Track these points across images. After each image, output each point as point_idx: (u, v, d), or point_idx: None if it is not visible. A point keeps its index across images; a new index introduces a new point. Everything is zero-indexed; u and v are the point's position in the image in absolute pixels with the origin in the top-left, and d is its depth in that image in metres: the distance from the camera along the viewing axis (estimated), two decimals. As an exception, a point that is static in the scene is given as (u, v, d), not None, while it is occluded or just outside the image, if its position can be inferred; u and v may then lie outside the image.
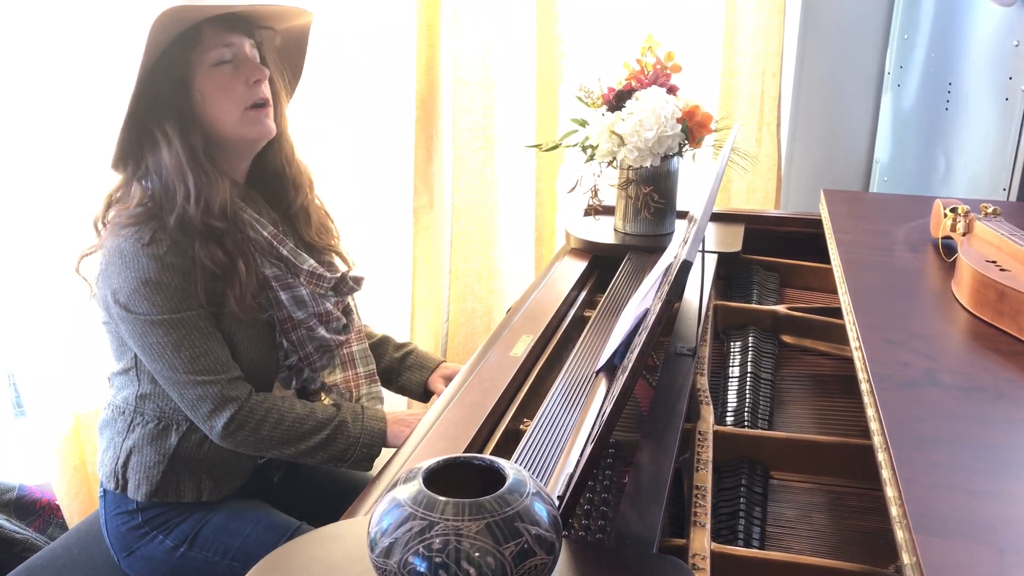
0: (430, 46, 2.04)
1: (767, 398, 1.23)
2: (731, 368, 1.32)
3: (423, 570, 0.60)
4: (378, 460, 1.25)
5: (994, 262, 1.07)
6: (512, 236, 2.29)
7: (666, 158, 1.66)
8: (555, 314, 1.45)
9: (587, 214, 1.84)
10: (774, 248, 1.79)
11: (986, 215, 1.24)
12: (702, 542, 0.87)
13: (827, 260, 1.38)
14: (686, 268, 0.79)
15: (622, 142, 1.60)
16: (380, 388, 1.41)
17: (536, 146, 1.98)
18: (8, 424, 1.92)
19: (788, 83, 2.25)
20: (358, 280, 1.35)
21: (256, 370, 1.24)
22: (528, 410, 1.20)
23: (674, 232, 1.74)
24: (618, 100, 1.66)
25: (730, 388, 1.26)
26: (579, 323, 1.50)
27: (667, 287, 0.86)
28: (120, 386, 1.27)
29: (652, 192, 1.68)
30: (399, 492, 0.65)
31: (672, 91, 1.68)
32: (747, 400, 1.21)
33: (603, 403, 0.99)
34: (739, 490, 1.01)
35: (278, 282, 1.23)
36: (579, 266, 1.68)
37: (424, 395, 1.48)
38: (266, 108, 1.21)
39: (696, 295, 1.32)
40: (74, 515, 1.78)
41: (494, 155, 2.19)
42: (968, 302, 1.06)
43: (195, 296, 1.16)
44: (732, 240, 1.75)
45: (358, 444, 1.24)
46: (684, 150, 1.68)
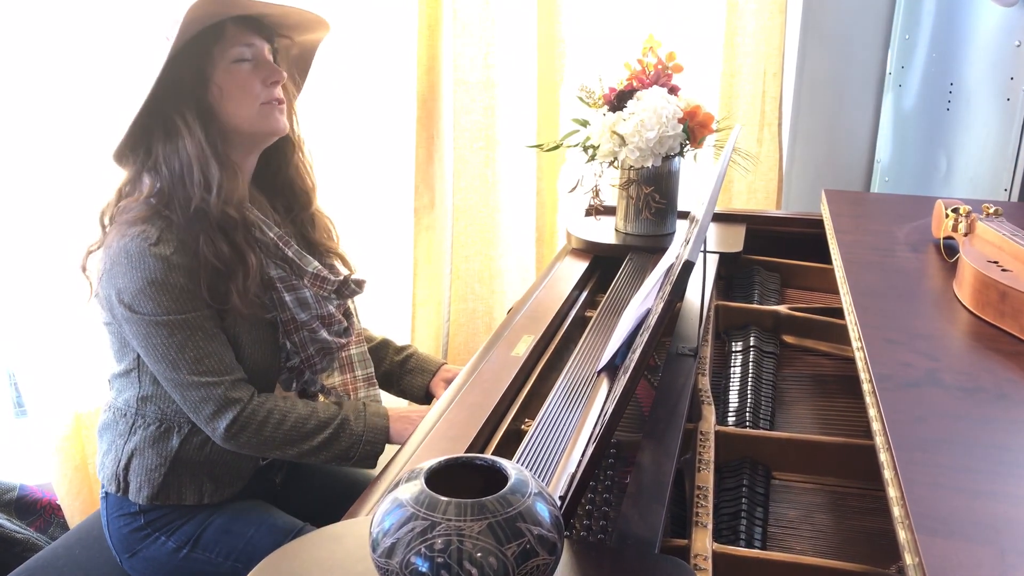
0: (431, 46, 2.04)
1: (768, 398, 1.23)
2: (733, 368, 1.32)
3: (425, 570, 0.60)
4: (381, 458, 1.25)
5: (996, 262, 1.07)
6: (513, 236, 2.29)
7: (667, 158, 1.66)
8: (556, 314, 1.45)
9: (588, 214, 1.84)
10: (775, 248, 1.79)
11: (987, 215, 1.24)
12: (704, 542, 0.87)
13: (828, 260, 1.38)
14: (688, 268, 0.79)
15: (623, 142, 1.60)
16: (378, 391, 1.41)
17: (537, 146, 1.98)
18: (9, 424, 1.92)
19: (789, 83, 2.24)
20: (360, 283, 1.35)
21: (259, 371, 1.24)
22: (529, 410, 1.20)
23: (675, 232, 1.74)
24: (619, 100, 1.66)
25: (732, 388, 1.26)
26: (580, 323, 1.50)
27: (669, 287, 0.86)
28: (121, 388, 1.27)
29: (653, 192, 1.68)
30: (401, 492, 0.65)
31: (673, 91, 1.68)
32: (749, 400, 1.21)
33: (605, 403, 0.99)
34: (741, 490, 1.01)
35: (283, 283, 1.23)
36: (580, 266, 1.68)
37: (426, 398, 1.48)
38: (281, 105, 1.23)
39: (697, 295, 1.32)
40: (75, 515, 1.78)
41: (495, 155, 2.20)
42: (970, 302, 1.06)
43: (200, 296, 1.16)
44: (733, 240, 1.75)
45: (361, 441, 1.24)
46: (685, 150, 1.68)
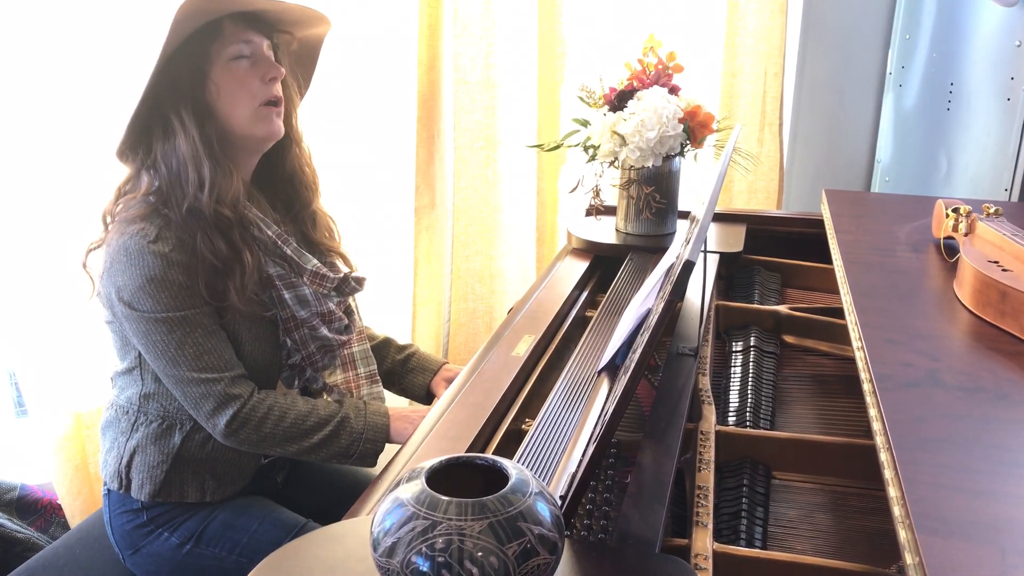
0: (432, 46, 2.04)
1: (769, 398, 1.23)
2: (733, 368, 1.32)
3: (426, 570, 0.61)
4: (381, 458, 1.25)
5: (996, 262, 1.07)
6: (514, 236, 2.29)
7: (668, 158, 1.66)
8: (557, 314, 1.45)
9: (589, 214, 1.84)
10: (776, 248, 1.79)
11: (988, 215, 1.24)
12: (704, 542, 0.87)
13: (829, 260, 1.38)
14: (689, 268, 0.79)
15: (624, 142, 1.60)
16: (381, 388, 1.41)
17: (538, 146, 1.98)
18: (10, 423, 1.92)
19: (790, 83, 2.24)
20: (360, 280, 1.35)
21: (260, 368, 1.24)
22: (530, 410, 1.20)
23: (676, 232, 1.74)
24: (620, 100, 1.66)
25: (732, 388, 1.26)
26: (581, 323, 1.50)
27: (669, 287, 0.86)
28: (123, 386, 1.27)
29: (654, 192, 1.68)
30: (402, 492, 0.65)
31: (674, 91, 1.68)
32: (749, 400, 1.21)
33: (605, 403, 0.99)
34: (741, 490, 1.01)
35: (282, 281, 1.23)
36: (581, 266, 1.68)
37: (427, 398, 1.48)
38: (278, 107, 1.22)
39: (698, 295, 1.32)
40: (76, 514, 1.78)
41: (496, 155, 2.20)
42: (970, 302, 1.06)
43: (199, 293, 1.16)
44: (734, 240, 1.75)
45: (361, 440, 1.24)
46: (686, 150, 1.68)
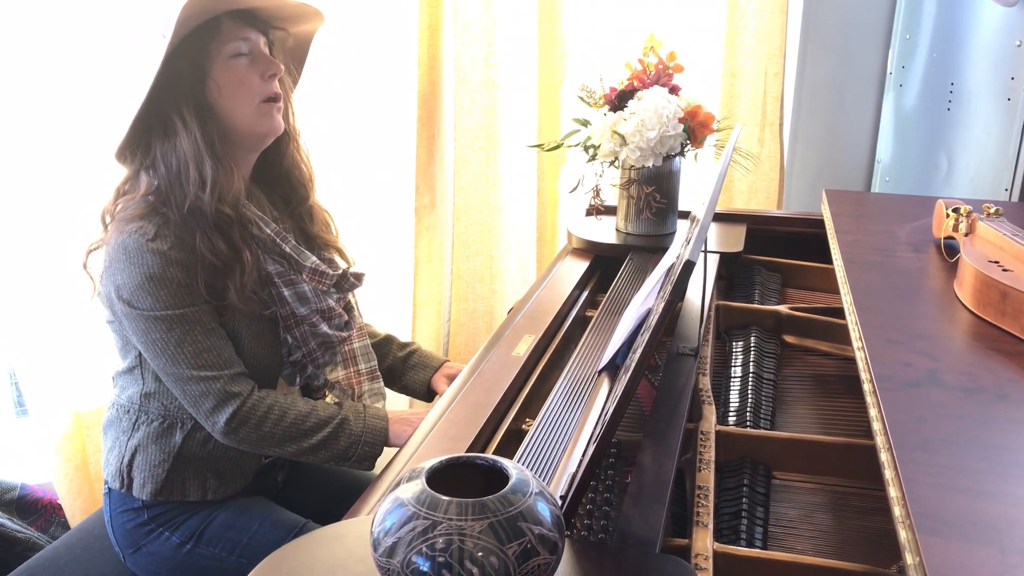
0: (432, 46, 2.04)
1: (769, 398, 1.23)
2: (733, 368, 1.32)
3: (426, 570, 0.61)
4: (380, 459, 1.25)
5: (996, 262, 1.07)
6: (514, 236, 2.29)
7: (668, 158, 1.66)
8: (557, 314, 1.45)
9: (589, 214, 1.84)
10: (776, 248, 1.79)
11: (988, 215, 1.24)
12: (705, 542, 0.87)
13: (829, 260, 1.38)
14: (689, 268, 0.79)
15: (624, 142, 1.60)
16: (382, 384, 1.41)
17: (538, 146, 1.98)
18: (10, 423, 1.92)
19: (790, 83, 2.24)
20: (359, 276, 1.35)
21: (261, 366, 1.25)
22: (530, 410, 1.20)
23: (676, 232, 1.74)
24: (620, 100, 1.66)
25: (732, 388, 1.26)
26: (581, 323, 1.50)
27: (669, 287, 0.86)
28: (124, 385, 1.28)
29: (654, 192, 1.68)
30: (402, 492, 0.65)
31: (674, 91, 1.68)
32: (749, 400, 1.21)
33: (605, 403, 0.99)
34: (742, 490, 1.01)
35: (281, 278, 1.23)
36: (581, 266, 1.68)
37: (427, 395, 1.48)
38: (278, 103, 1.23)
39: (698, 295, 1.32)
40: (76, 514, 1.78)
41: (496, 155, 2.20)
42: (970, 302, 1.06)
43: (198, 291, 1.16)
44: (734, 240, 1.75)
45: (360, 442, 1.24)
46: (686, 150, 1.68)
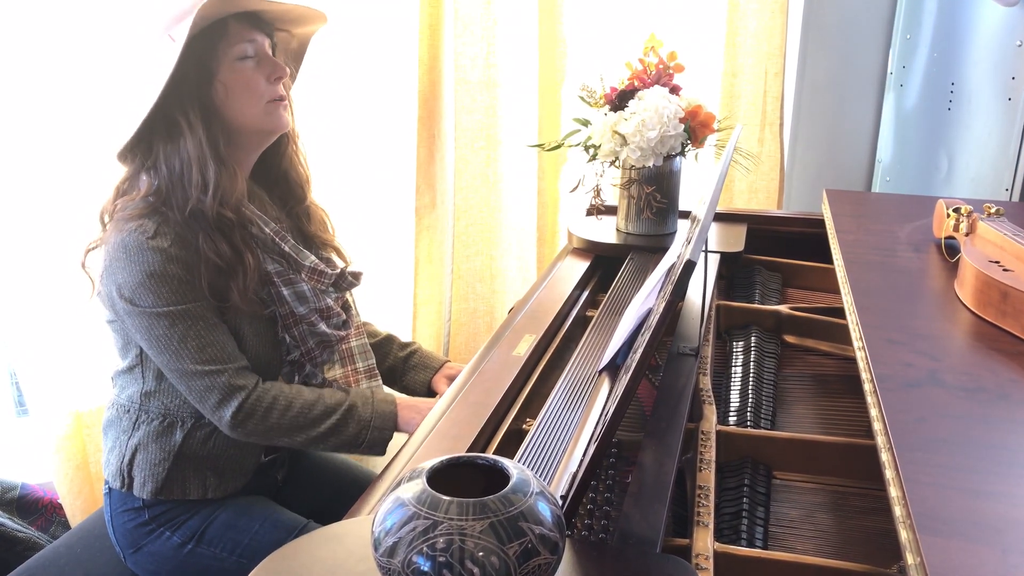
0: (432, 45, 2.04)
1: (770, 398, 1.23)
2: (734, 368, 1.32)
3: (427, 569, 0.61)
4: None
5: (997, 262, 1.07)
6: (514, 236, 2.29)
7: (668, 158, 1.66)
8: (557, 314, 1.45)
9: (589, 214, 1.84)
10: (777, 248, 1.79)
11: (989, 215, 1.24)
12: (705, 542, 0.87)
13: (829, 260, 1.38)
14: (690, 268, 0.79)
15: (624, 142, 1.60)
16: (380, 383, 1.42)
17: (539, 146, 1.98)
18: (10, 423, 1.92)
19: (790, 83, 2.24)
20: (357, 275, 1.35)
21: (261, 364, 1.25)
22: (531, 410, 1.20)
23: (676, 232, 1.74)
24: (621, 100, 1.66)
25: (733, 388, 1.26)
26: (582, 323, 1.50)
27: (670, 287, 0.86)
28: (124, 384, 1.28)
29: (654, 192, 1.68)
30: (403, 491, 0.65)
31: (675, 91, 1.68)
32: (750, 400, 1.21)
33: (606, 403, 0.99)
34: (742, 490, 1.01)
35: (280, 278, 1.24)
36: (581, 266, 1.68)
37: (428, 395, 1.48)
38: (284, 102, 1.24)
39: (699, 295, 1.32)
40: (76, 513, 1.78)
41: (496, 155, 2.19)
42: (971, 302, 1.06)
43: (199, 288, 1.17)
44: (735, 240, 1.75)
45: (370, 427, 1.24)
46: (687, 150, 1.68)
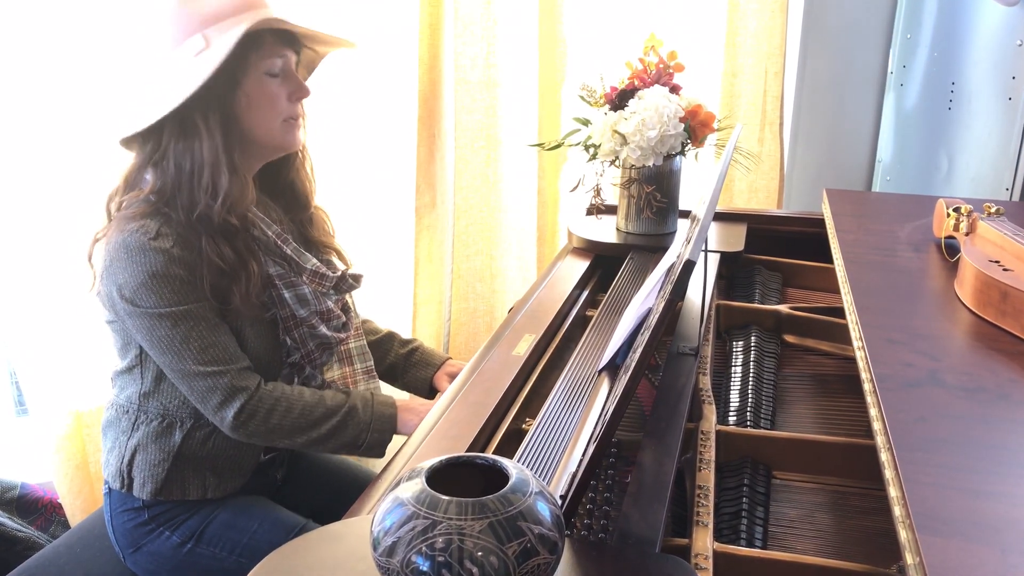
0: (433, 45, 2.04)
1: (769, 398, 1.23)
2: (733, 368, 1.32)
3: (426, 569, 0.61)
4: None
5: (997, 262, 1.07)
6: (514, 235, 2.29)
7: (668, 157, 1.65)
8: (557, 313, 1.45)
9: (589, 213, 1.84)
10: (776, 248, 1.79)
11: (989, 215, 1.24)
12: (705, 542, 0.87)
13: (829, 260, 1.38)
14: (689, 268, 0.79)
15: (625, 141, 1.60)
16: (379, 384, 1.42)
17: (539, 145, 1.98)
18: (10, 422, 1.92)
19: (791, 83, 2.24)
20: (357, 278, 1.35)
21: (261, 366, 1.25)
22: (530, 409, 1.20)
23: (676, 231, 1.74)
24: (621, 99, 1.66)
25: (732, 388, 1.26)
26: (581, 322, 1.50)
27: (670, 287, 0.86)
28: (123, 385, 1.28)
29: (654, 191, 1.68)
30: (402, 491, 0.65)
31: (675, 90, 1.68)
32: (750, 400, 1.21)
33: (606, 403, 0.99)
34: (742, 490, 1.01)
35: (281, 280, 1.24)
36: (581, 265, 1.68)
37: (429, 392, 1.48)
38: (300, 120, 1.24)
39: (699, 295, 1.32)
40: (76, 513, 1.78)
41: (497, 154, 2.19)
42: (971, 302, 1.06)
43: (201, 288, 1.16)
44: (734, 240, 1.75)
45: (369, 430, 1.25)
46: (687, 149, 1.68)
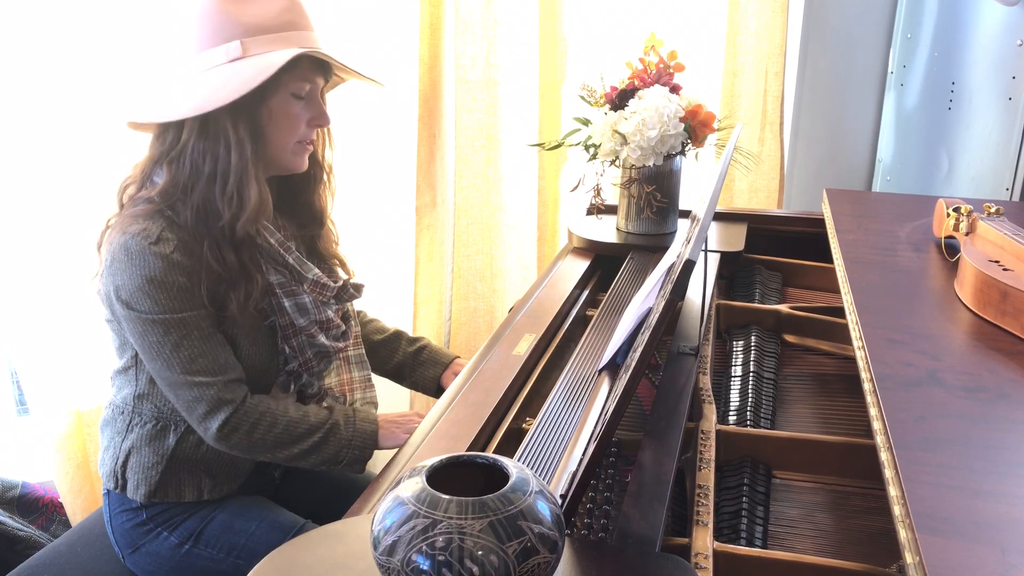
0: (433, 45, 2.04)
1: (769, 397, 1.23)
2: (734, 367, 1.32)
3: (426, 568, 0.61)
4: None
5: (997, 262, 1.07)
6: (515, 235, 2.29)
7: (669, 157, 1.65)
8: (557, 313, 1.45)
9: (589, 213, 1.84)
10: (777, 247, 1.79)
11: (989, 215, 1.24)
12: (705, 541, 0.87)
13: (830, 260, 1.38)
14: (689, 267, 0.79)
15: (625, 141, 1.60)
16: (375, 394, 1.41)
17: (539, 145, 1.98)
18: (11, 422, 1.92)
19: (791, 82, 2.24)
20: (359, 288, 1.35)
21: (257, 373, 1.24)
22: (531, 409, 1.20)
23: (676, 231, 1.74)
24: (621, 99, 1.66)
25: (733, 387, 1.26)
26: (582, 322, 1.50)
27: (670, 286, 0.86)
28: (120, 385, 1.28)
29: (655, 191, 1.68)
30: (402, 490, 0.65)
31: (675, 90, 1.68)
32: (750, 399, 1.21)
33: (606, 402, 0.99)
34: (742, 489, 1.01)
35: (282, 289, 1.23)
36: (581, 265, 1.68)
37: (437, 391, 1.47)
38: (311, 147, 1.25)
39: (699, 294, 1.32)
40: (77, 513, 1.78)
41: (497, 154, 2.20)
42: (971, 302, 1.06)
43: (198, 296, 1.16)
44: (735, 239, 1.75)
45: (350, 447, 1.24)
46: (687, 149, 1.68)
